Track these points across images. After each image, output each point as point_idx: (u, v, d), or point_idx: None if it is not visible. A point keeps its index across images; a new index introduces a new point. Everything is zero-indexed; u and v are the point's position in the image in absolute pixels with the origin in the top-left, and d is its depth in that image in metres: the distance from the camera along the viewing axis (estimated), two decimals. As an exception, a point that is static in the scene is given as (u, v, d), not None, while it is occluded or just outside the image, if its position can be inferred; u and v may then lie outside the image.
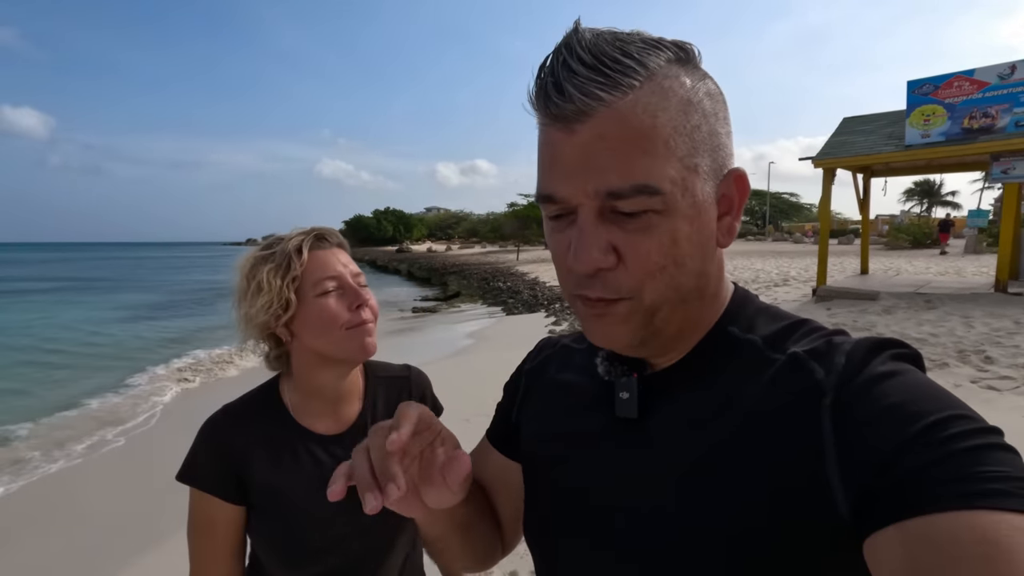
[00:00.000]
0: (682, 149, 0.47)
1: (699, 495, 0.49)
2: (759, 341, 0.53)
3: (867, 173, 12.19)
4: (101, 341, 12.23)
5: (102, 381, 8.51)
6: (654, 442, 0.54)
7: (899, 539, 0.38)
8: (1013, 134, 8.76)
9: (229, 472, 0.96)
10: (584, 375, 0.64)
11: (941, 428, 0.40)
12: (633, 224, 0.47)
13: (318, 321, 0.97)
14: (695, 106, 0.48)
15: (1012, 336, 6.29)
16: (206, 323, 14.23)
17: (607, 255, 0.47)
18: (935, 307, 8.33)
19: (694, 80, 0.49)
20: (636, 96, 0.45)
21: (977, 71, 9.17)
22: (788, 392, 0.48)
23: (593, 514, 0.56)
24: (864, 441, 0.42)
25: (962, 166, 12.14)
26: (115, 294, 24.20)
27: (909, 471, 0.39)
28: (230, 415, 1.01)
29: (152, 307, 19.06)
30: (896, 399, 0.43)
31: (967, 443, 0.39)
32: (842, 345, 0.48)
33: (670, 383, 0.55)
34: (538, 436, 0.66)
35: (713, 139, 0.49)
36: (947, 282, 11.19)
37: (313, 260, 0.98)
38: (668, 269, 0.48)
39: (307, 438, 1.01)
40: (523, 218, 36.03)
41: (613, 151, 0.45)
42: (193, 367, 9.11)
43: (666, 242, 0.47)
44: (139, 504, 4.22)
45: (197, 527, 0.98)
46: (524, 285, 18.65)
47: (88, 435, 6.04)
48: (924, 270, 14.47)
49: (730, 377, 0.52)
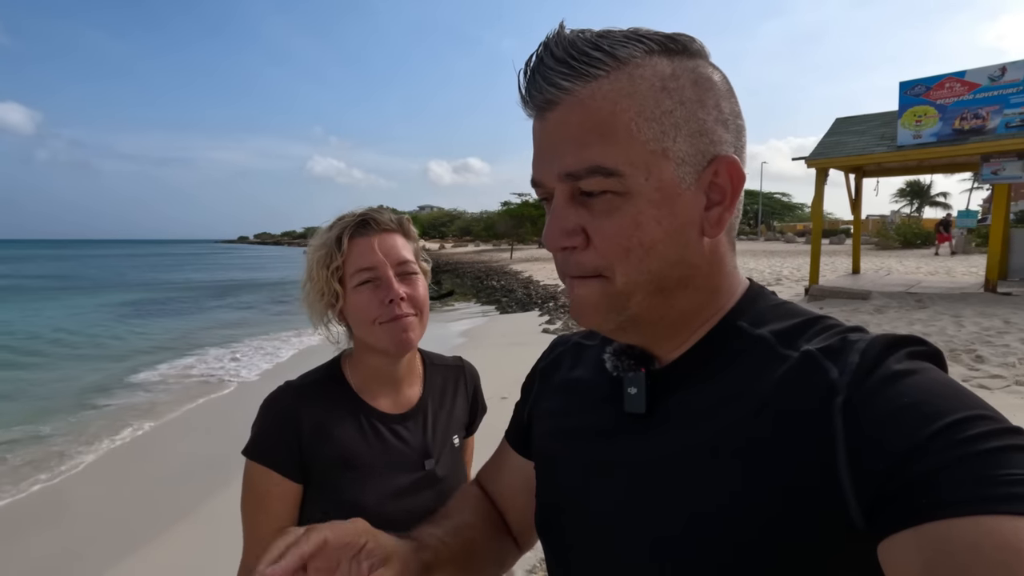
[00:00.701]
0: (647, 134, 0.48)
1: (707, 491, 0.48)
2: (771, 337, 0.52)
3: (859, 173, 12.27)
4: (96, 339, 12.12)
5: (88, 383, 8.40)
6: (662, 437, 0.53)
7: (916, 544, 0.37)
8: (1003, 135, 8.84)
9: (291, 447, 0.95)
10: (594, 371, 0.65)
11: (960, 428, 0.39)
12: (598, 206, 0.50)
13: (354, 313, 0.98)
14: (670, 92, 0.49)
15: (1002, 335, 6.35)
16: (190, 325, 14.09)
17: (573, 236, 0.51)
18: (926, 307, 8.40)
19: (677, 68, 0.50)
20: (598, 84, 0.48)
21: (968, 72, 9.25)
22: (800, 390, 0.46)
23: (602, 509, 0.56)
24: (877, 440, 0.41)
25: (953, 167, 12.26)
26: (118, 292, 23.93)
27: (925, 472, 0.38)
28: (294, 387, 1.00)
29: (150, 307, 18.86)
30: (911, 398, 0.41)
31: (988, 444, 0.37)
32: (857, 343, 0.47)
33: (678, 378, 0.55)
34: (549, 432, 0.67)
35: (692, 124, 0.50)
36: (937, 282, 11.29)
37: (353, 249, 0.98)
38: (635, 252, 0.49)
39: (372, 414, 1.01)
40: (517, 217, 36.05)
41: (572, 135, 0.49)
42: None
43: (628, 224, 0.49)
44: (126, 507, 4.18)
45: (254, 502, 0.96)
46: (518, 284, 18.65)
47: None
48: (915, 270, 14.58)
49: (740, 373, 0.51)
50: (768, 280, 13.47)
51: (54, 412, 6.81)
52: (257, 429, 0.97)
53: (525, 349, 8.49)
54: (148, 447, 5.66)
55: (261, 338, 11.74)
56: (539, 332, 9.91)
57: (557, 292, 14.88)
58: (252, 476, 0.96)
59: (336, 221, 1.02)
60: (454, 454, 1.07)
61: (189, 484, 4.49)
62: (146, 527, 3.86)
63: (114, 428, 6.14)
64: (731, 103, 0.53)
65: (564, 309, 12.13)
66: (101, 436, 5.90)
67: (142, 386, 8.07)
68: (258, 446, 0.96)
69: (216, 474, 4.34)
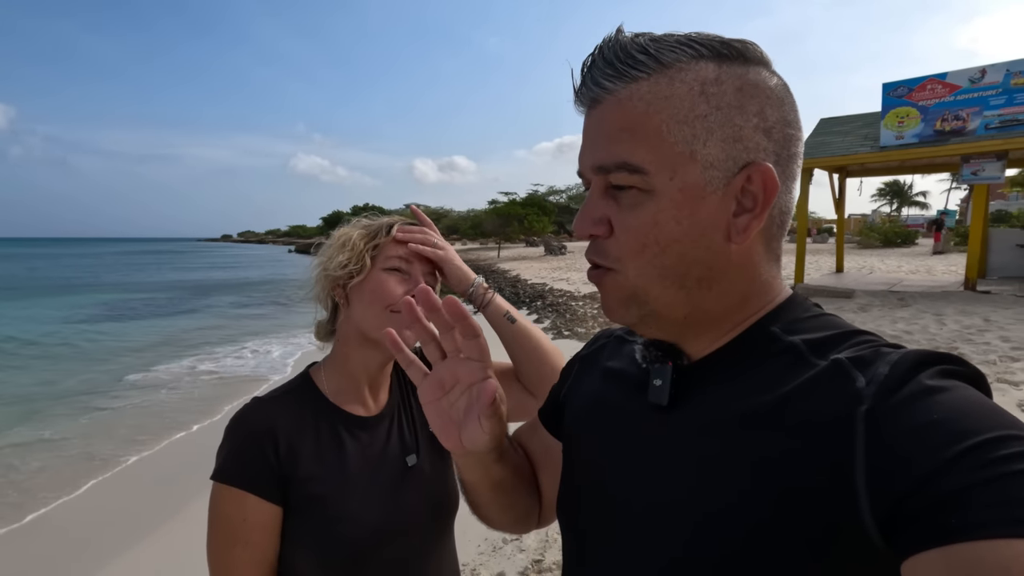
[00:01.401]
0: (676, 135, 0.50)
1: (717, 490, 0.49)
2: (802, 345, 0.52)
3: (843, 173, 12.45)
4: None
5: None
6: (681, 431, 0.54)
7: (942, 565, 0.36)
8: (983, 136, 9.02)
9: (269, 464, 0.88)
10: (628, 362, 0.67)
11: (991, 448, 0.38)
12: (625, 200, 0.52)
13: (371, 293, 0.96)
14: (708, 97, 0.50)
15: (982, 333, 6.48)
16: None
17: (598, 225, 0.54)
18: (908, 305, 8.54)
19: (724, 73, 0.51)
20: (637, 86, 0.51)
21: (949, 74, 9.42)
22: (824, 397, 0.46)
23: (615, 497, 0.58)
24: (900, 455, 0.40)
25: (934, 167, 12.49)
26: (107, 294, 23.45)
27: (954, 491, 0.37)
28: (264, 402, 0.95)
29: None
30: (941, 415, 0.41)
31: (1021, 465, 0.36)
32: (889, 355, 0.46)
33: (704, 374, 0.56)
34: (579, 416, 0.70)
35: (726, 129, 0.50)
36: (918, 280, 11.49)
37: (398, 239, 1.00)
38: (650, 248, 0.52)
39: (348, 420, 0.98)
40: (504, 215, 36.03)
41: (607, 132, 0.52)
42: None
43: (648, 221, 0.51)
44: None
45: (228, 536, 0.87)
46: (506, 283, 18.64)
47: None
48: (896, 268, 14.85)
49: (766, 376, 0.51)
50: (754, 279, 13.57)
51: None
52: (227, 450, 0.89)
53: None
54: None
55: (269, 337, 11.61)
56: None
57: (545, 291, 14.89)
58: (223, 504, 0.87)
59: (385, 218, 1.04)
60: (437, 447, 1.05)
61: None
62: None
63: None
64: (781, 111, 0.52)
65: (552, 308, 12.14)
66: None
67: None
68: (230, 468, 0.88)
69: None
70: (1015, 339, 6.09)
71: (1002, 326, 6.77)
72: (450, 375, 0.59)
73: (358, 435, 0.97)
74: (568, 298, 13.18)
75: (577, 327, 9.70)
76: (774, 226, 0.54)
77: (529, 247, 39.86)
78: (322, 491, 0.90)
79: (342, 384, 1.00)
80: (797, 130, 0.54)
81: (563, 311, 11.54)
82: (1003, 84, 8.88)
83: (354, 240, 0.98)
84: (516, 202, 37.90)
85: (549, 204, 38.63)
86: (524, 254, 33.26)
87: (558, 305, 12.38)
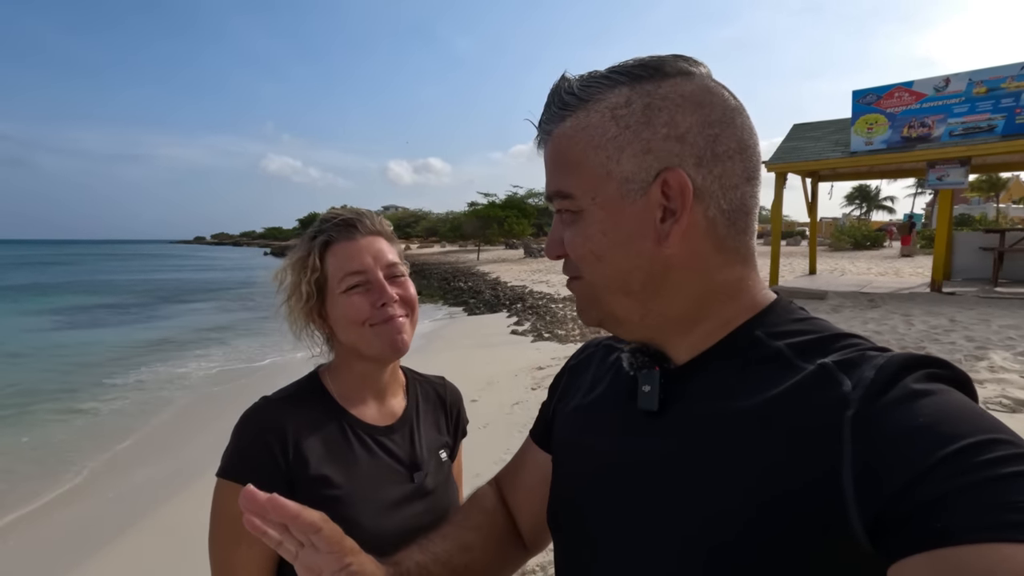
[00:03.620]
0: (594, 160, 0.55)
1: (710, 494, 0.49)
2: (786, 349, 0.53)
3: (815, 178, 12.74)
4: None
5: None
6: (671, 436, 0.55)
7: (929, 569, 0.37)
8: (947, 143, 9.33)
9: (278, 462, 0.87)
10: (616, 370, 0.68)
11: (976, 452, 0.38)
12: (566, 220, 0.59)
13: (344, 318, 0.94)
14: (618, 119, 0.54)
15: (948, 333, 6.69)
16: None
17: (558, 246, 0.60)
18: (878, 306, 8.78)
19: (634, 95, 0.54)
20: (564, 124, 0.57)
21: (916, 83, 9.72)
22: (811, 402, 0.47)
23: (610, 504, 0.58)
24: (887, 459, 0.41)
25: (902, 172, 12.86)
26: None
27: (940, 495, 0.38)
28: (274, 401, 0.93)
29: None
30: (927, 419, 0.41)
31: (1006, 469, 0.37)
32: (875, 359, 0.47)
33: (691, 378, 0.57)
34: (569, 427, 0.70)
35: (636, 144, 0.54)
36: (887, 282, 11.81)
37: (338, 253, 0.95)
38: (588, 259, 0.57)
39: (358, 426, 0.96)
40: (483, 217, 35.95)
41: (549, 167, 0.60)
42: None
43: (580, 236, 0.57)
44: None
45: (232, 534, 0.84)
46: (486, 285, 18.61)
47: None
48: (866, 271, 15.24)
49: (752, 380, 0.52)
50: (730, 281, 13.79)
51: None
52: (234, 446, 0.88)
53: (493, 351, 8.48)
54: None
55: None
56: (507, 334, 9.91)
57: (524, 293, 14.92)
58: (229, 502, 0.85)
59: (318, 224, 0.98)
60: (443, 468, 1.04)
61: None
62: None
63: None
64: (699, 114, 0.53)
65: (532, 311, 12.17)
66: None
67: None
68: (237, 465, 0.86)
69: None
70: (979, 339, 6.30)
71: (966, 326, 7.00)
72: (314, 564, 0.58)
73: (367, 442, 0.96)
74: (548, 300, 13.22)
75: (557, 329, 9.73)
76: (720, 225, 0.54)
77: (509, 249, 39.84)
78: (329, 494, 0.88)
79: (349, 390, 0.99)
80: (726, 127, 0.54)
81: (543, 313, 11.57)
82: (966, 93, 9.20)
83: (289, 273, 0.96)
84: (496, 204, 37.78)
85: (529, 206, 38.53)
86: (504, 256, 33.25)
87: (538, 308, 12.41)
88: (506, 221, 35.08)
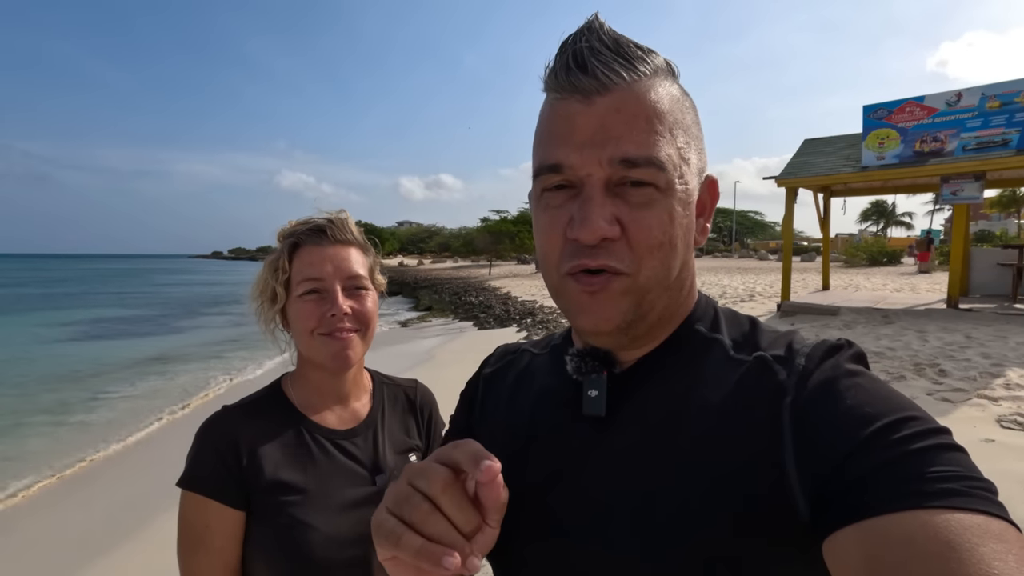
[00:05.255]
0: (681, 139, 0.52)
1: (667, 494, 0.49)
2: (727, 342, 0.55)
3: (827, 193, 12.65)
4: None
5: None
6: (622, 440, 0.54)
7: (856, 539, 0.39)
8: (961, 158, 9.23)
9: (231, 471, 0.89)
10: (549, 376, 0.64)
11: (894, 429, 0.42)
12: (636, 198, 0.50)
13: (295, 322, 0.96)
14: (686, 108, 0.53)
15: (964, 350, 6.56)
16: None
17: (613, 226, 0.49)
18: (892, 322, 8.64)
19: (682, 88, 0.55)
20: (649, 82, 0.51)
21: (927, 98, 9.66)
22: (754, 393, 0.50)
23: (560, 515, 0.55)
24: (820, 442, 0.44)
25: (915, 188, 12.72)
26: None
27: (865, 471, 0.41)
28: (232, 410, 0.95)
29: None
30: (852, 401, 0.45)
31: (919, 444, 0.41)
32: (801, 348, 0.51)
33: (639, 380, 0.56)
34: (497, 439, 0.64)
35: (699, 141, 0.55)
36: (902, 298, 11.63)
37: (303, 257, 0.95)
38: (664, 248, 0.51)
39: (316, 431, 0.97)
40: (496, 233, 36.15)
41: (629, 123, 0.49)
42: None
43: (665, 219, 0.50)
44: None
45: (192, 541, 0.89)
46: (496, 300, 18.63)
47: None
48: (881, 287, 15.02)
49: (699, 376, 0.54)
50: (741, 296, 13.71)
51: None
52: (192, 457, 0.91)
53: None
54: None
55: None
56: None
57: (535, 308, 14.90)
58: (188, 510, 0.89)
59: (293, 227, 0.99)
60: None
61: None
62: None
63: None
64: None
65: (542, 325, 12.15)
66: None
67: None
68: (194, 474, 0.90)
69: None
70: (995, 356, 6.18)
71: (983, 343, 6.87)
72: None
73: (326, 447, 0.96)
74: (558, 315, 13.18)
75: (566, 344, 9.68)
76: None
77: (520, 264, 39.92)
78: (285, 499, 0.90)
79: (309, 397, 1.00)
80: None
81: (553, 328, 11.55)
82: (979, 107, 9.12)
83: (264, 271, 0.98)
84: (508, 220, 38.01)
85: (540, 222, 38.48)
86: (515, 271, 33.27)
87: (548, 322, 12.40)
88: (518, 236, 35.20)
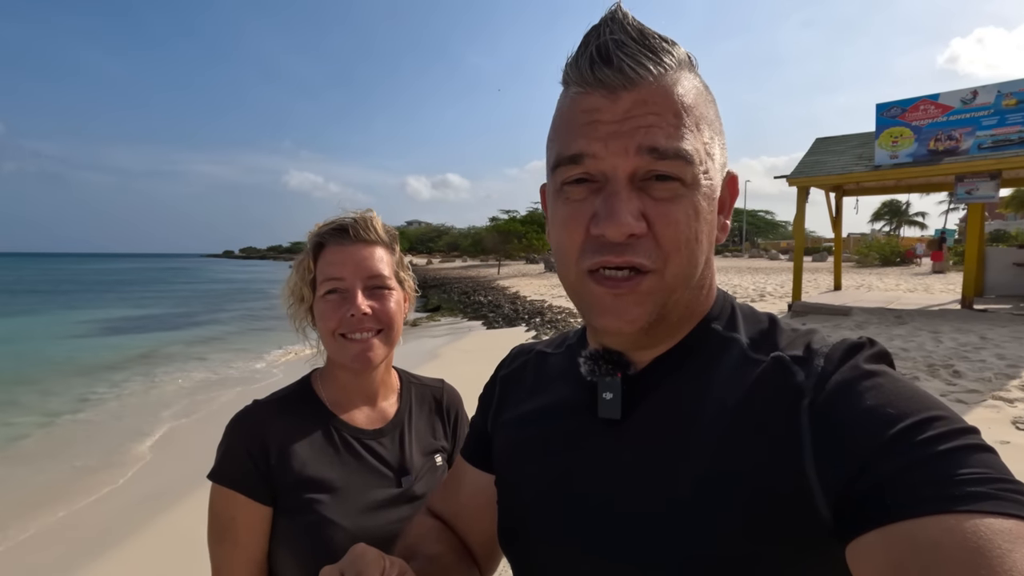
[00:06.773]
0: (706, 134, 0.51)
1: (685, 497, 0.49)
2: (744, 341, 0.54)
3: (839, 192, 12.52)
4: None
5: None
6: (638, 444, 0.53)
7: (881, 545, 0.38)
8: (976, 156, 9.10)
9: (259, 467, 0.90)
10: (563, 378, 0.64)
11: (919, 430, 0.40)
12: (662, 193, 0.49)
13: (319, 322, 0.97)
14: (711, 102, 0.53)
15: (978, 351, 6.47)
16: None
17: (639, 221, 0.48)
18: (905, 322, 8.54)
19: (703, 81, 0.54)
20: (675, 76, 0.50)
21: (942, 95, 9.53)
22: (772, 395, 0.48)
23: (575, 517, 0.55)
24: (842, 443, 0.43)
25: (929, 186, 12.56)
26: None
27: (889, 474, 0.40)
28: (262, 406, 0.96)
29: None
30: (873, 401, 0.43)
31: (946, 445, 0.39)
32: (820, 348, 0.50)
33: (653, 382, 0.55)
34: (514, 442, 0.65)
35: (722, 137, 0.54)
36: (916, 299, 11.49)
37: (327, 256, 0.96)
38: (691, 244, 0.50)
39: (345, 429, 0.98)
40: (504, 232, 36.14)
41: (657, 116, 0.48)
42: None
43: (691, 214, 0.49)
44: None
45: (219, 531, 0.90)
46: (505, 299, 18.63)
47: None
48: (894, 287, 14.85)
49: (716, 377, 0.52)
50: (752, 296, 13.61)
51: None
52: (222, 450, 0.92)
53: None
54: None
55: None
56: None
57: (544, 308, 14.89)
58: (217, 502, 0.91)
59: (321, 226, 1.00)
60: (436, 473, 1.02)
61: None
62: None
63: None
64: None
65: (551, 325, 12.14)
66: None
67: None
68: (223, 468, 0.91)
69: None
70: (1010, 357, 6.08)
71: (998, 344, 6.77)
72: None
73: (353, 446, 0.97)
74: (567, 315, 13.17)
75: (575, 344, 9.66)
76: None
77: (529, 264, 39.89)
78: (312, 497, 0.90)
79: (337, 395, 1.00)
80: None
81: (562, 328, 11.53)
82: (995, 105, 8.99)
83: (292, 277, 0.99)
84: (516, 219, 38.02)
85: (549, 222, 38.49)
86: (524, 271, 33.25)
87: (557, 322, 12.38)
88: (526, 236, 35.18)
